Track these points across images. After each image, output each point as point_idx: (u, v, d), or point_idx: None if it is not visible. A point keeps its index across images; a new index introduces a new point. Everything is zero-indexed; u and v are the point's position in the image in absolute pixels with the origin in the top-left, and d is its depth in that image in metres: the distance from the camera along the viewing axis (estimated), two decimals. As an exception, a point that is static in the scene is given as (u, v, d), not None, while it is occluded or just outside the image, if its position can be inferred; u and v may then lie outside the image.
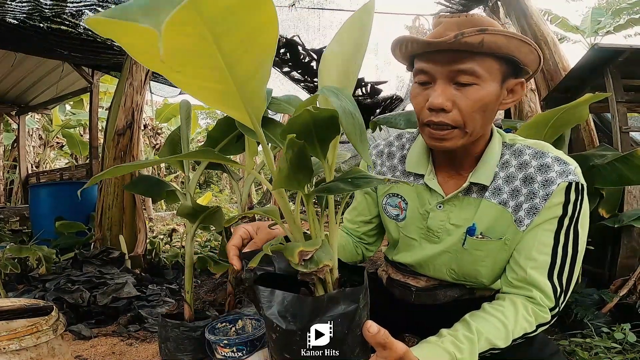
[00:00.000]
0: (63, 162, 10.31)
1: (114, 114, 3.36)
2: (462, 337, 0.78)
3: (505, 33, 0.80)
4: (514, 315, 0.82)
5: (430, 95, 0.84)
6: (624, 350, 1.59)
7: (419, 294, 1.04)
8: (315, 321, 0.60)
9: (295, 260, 0.57)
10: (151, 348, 1.91)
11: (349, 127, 0.53)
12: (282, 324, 0.61)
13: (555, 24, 8.09)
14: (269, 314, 0.62)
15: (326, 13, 4.94)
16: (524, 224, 0.88)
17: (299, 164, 0.55)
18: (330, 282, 0.64)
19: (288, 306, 0.61)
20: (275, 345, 0.64)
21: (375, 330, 0.65)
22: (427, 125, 0.87)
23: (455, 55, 0.81)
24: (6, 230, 4.42)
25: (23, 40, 4.04)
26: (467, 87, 0.82)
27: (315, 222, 0.65)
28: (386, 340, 0.66)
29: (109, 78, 7.19)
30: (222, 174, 12.54)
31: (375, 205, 1.12)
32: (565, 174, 0.85)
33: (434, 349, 0.75)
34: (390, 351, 0.67)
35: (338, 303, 0.60)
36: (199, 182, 9.73)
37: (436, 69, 0.84)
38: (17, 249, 2.64)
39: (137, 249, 3.16)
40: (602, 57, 2.42)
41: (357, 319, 0.62)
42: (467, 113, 0.83)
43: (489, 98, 0.83)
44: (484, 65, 0.82)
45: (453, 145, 0.87)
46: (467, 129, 0.85)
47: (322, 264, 0.58)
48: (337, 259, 0.68)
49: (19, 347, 1.09)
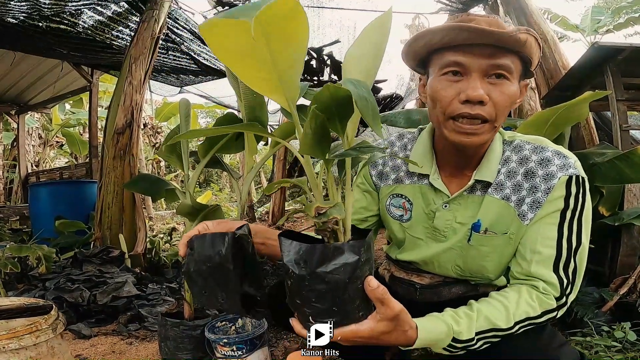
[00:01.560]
0: (63, 161, 10.31)
1: (114, 112, 3.36)
2: (461, 313, 0.82)
3: (537, 36, 0.85)
4: (516, 299, 0.84)
5: (464, 88, 0.84)
6: (624, 349, 1.59)
7: (423, 291, 1.05)
8: (322, 267, 0.67)
9: (311, 214, 0.68)
10: (151, 347, 1.91)
11: (363, 108, 0.63)
12: (295, 269, 0.69)
13: (555, 22, 8.09)
14: (286, 260, 0.70)
15: (326, 12, 4.93)
16: (527, 218, 0.89)
17: (321, 133, 0.66)
18: (343, 240, 0.73)
19: (302, 254, 0.69)
20: (290, 291, 0.72)
21: (375, 285, 0.69)
22: (459, 117, 0.86)
23: (496, 50, 0.83)
24: (6, 230, 4.42)
25: (22, 39, 4.04)
26: (501, 82, 0.85)
27: (332, 186, 0.75)
28: (384, 297, 0.70)
29: (108, 77, 7.18)
30: (222, 173, 12.54)
31: (375, 204, 1.12)
32: (566, 168, 0.86)
33: (432, 318, 0.80)
34: (387, 308, 0.70)
35: (342, 253, 0.68)
36: (198, 180, 9.71)
37: (474, 62, 0.84)
38: (17, 248, 2.64)
39: (137, 248, 3.16)
40: (602, 55, 2.42)
41: (358, 271, 0.68)
42: (500, 107, 0.85)
43: (515, 94, 0.87)
44: (515, 63, 0.85)
45: (481, 141, 0.88)
46: (496, 124, 0.87)
47: (332, 216, 0.68)
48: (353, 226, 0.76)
49: (19, 346, 1.09)
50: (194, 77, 5.67)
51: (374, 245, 0.76)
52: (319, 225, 0.70)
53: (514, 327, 0.81)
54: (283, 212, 6.45)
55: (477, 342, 0.80)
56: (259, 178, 11.68)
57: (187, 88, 6.29)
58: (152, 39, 3.44)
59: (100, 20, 3.99)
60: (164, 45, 4.33)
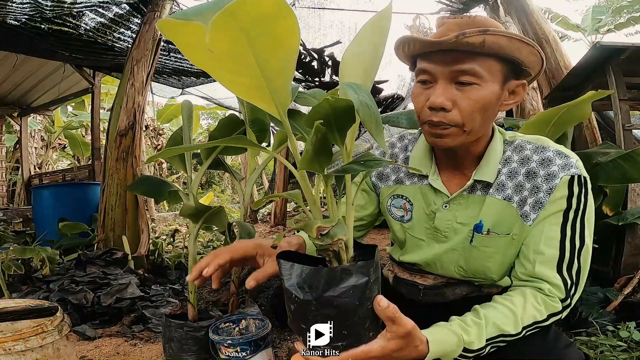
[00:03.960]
0: (65, 163, 10.33)
1: (116, 114, 3.36)
2: (470, 322, 0.80)
3: (507, 34, 0.80)
4: (522, 303, 0.83)
5: (431, 95, 0.85)
6: (629, 349, 1.59)
7: (426, 292, 1.05)
8: (329, 291, 0.64)
9: (313, 235, 0.64)
10: (155, 348, 1.92)
11: (366, 117, 0.59)
12: (299, 294, 0.65)
13: (556, 22, 8.07)
14: (288, 285, 0.66)
15: (326, 13, 4.93)
16: (530, 219, 0.88)
17: (321, 147, 0.62)
18: (346, 259, 0.70)
19: (306, 278, 0.65)
20: (293, 316, 0.69)
21: (385, 305, 0.68)
22: (428, 123, 0.88)
23: (457, 56, 0.82)
24: (9, 232, 4.42)
25: (24, 41, 4.05)
26: (468, 87, 0.83)
27: (332, 203, 0.72)
28: (395, 315, 0.69)
29: (110, 79, 7.20)
30: (224, 175, 12.55)
31: (372, 204, 1.13)
32: (567, 168, 0.86)
33: (442, 330, 0.78)
34: (399, 326, 0.69)
35: (350, 275, 0.65)
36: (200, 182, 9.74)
37: (437, 69, 0.85)
38: (20, 250, 2.65)
39: (140, 250, 3.16)
40: (604, 55, 2.41)
41: (367, 292, 0.66)
42: (467, 113, 0.84)
43: (490, 98, 0.84)
44: (485, 65, 0.83)
45: (452, 143, 0.87)
46: (465, 128, 0.86)
47: (337, 237, 0.64)
48: (353, 239, 0.73)
49: (25, 348, 1.09)
50: (195, 78, 5.68)
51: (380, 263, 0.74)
52: (321, 246, 0.66)
53: (522, 332, 0.80)
54: (285, 214, 6.44)
55: (485, 348, 0.79)
56: (260, 179, 11.69)
57: (189, 90, 6.30)
58: (153, 40, 3.45)
59: (102, 22, 4.00)
60: (165, 47, 4.34)
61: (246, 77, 0.56)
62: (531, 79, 0.91)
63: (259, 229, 6.32)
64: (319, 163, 0.65)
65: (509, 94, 0.89)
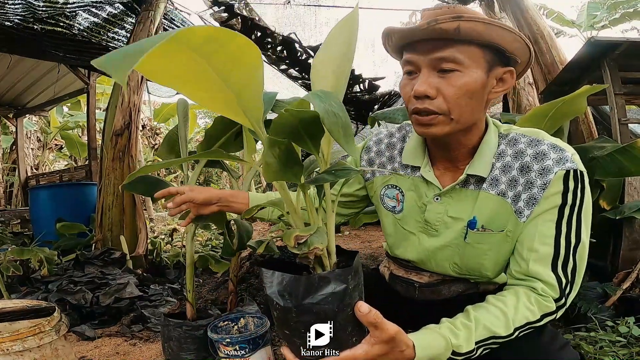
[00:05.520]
0: (62, 163, 10.29)
1: (112, 114, 3.35)
2: (459, 324, 0.79)
3: (484, 20, 0.80)
4: (514, 304, 0.81)
5: (415, 84, 0.85)
6: (628, 344, 1.59)
7: (422, 289, 1.04)
8: (308, 298, 0.65)
9: (291, 244, 0.64)
10: (154, 348, 1.92)
11: (332, 126, 0.58)
12: (280, 301, 0.66)
13: (551, 18, 8.08)
14: (270, 292, 0.67)
15: (322, 10, 4.92)
16: (524, 215, 0.86)
17: (289, 158, 0.62)
18: (329, 265, 0.70)
19: (286, 285, 0.66)
20: (276, 321, 0.71)
21: (366, 310, 0.68)
22: (414, 113, 0.88)
23: (436, 43, 0.83)
24: (7, 233, 4.41)
25: (17, 42, 4.02)
26: (450, 74, 0.83)
27: (312, 210, 0.71)
28: (377, 321, 0.68)
29: (106, 79, 7.17)
30: (221, 173, 12.52)
31: (358, 185, 1.13)
32: (562, 162, 0.83)
33: (430, 333, 0.77)
34: (382, 331, 0.69)
35: (328, 282, 0.65)
36: (198, 180, 9.71)
37: (420, 58, 0.85)
38: (18, 251, 2.64)
39: (138, 249, 3.16)
40: (599, 50, 2.42)
41: (347, 298, 0.66)
42: (451, 99, 0.83)
43: (474, 85, 0.83)
44: (466, 52, 0.82)
45: (440, 132, 0.87)
46: (452, 116, 0.85)
47: (313, 246, 0.64)
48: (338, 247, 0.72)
49: (22, 348, 1.09)
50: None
51: (361, 269, 0.73)
52: (299, 255, 0.66)
53: (514, 334, 0.79)
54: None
55: (476, 351, 0.78)
56: (258, 177, 11.67)
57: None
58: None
59: (95, 22, 3.97)
60: (161, 46, 4.31)
61: (214, 92, 0.55)
62: (522, 68, 0.90)
63: (257, 227, 6.32)
64: (293, 173, 0.65)
65: (497, 81, 0.87)
